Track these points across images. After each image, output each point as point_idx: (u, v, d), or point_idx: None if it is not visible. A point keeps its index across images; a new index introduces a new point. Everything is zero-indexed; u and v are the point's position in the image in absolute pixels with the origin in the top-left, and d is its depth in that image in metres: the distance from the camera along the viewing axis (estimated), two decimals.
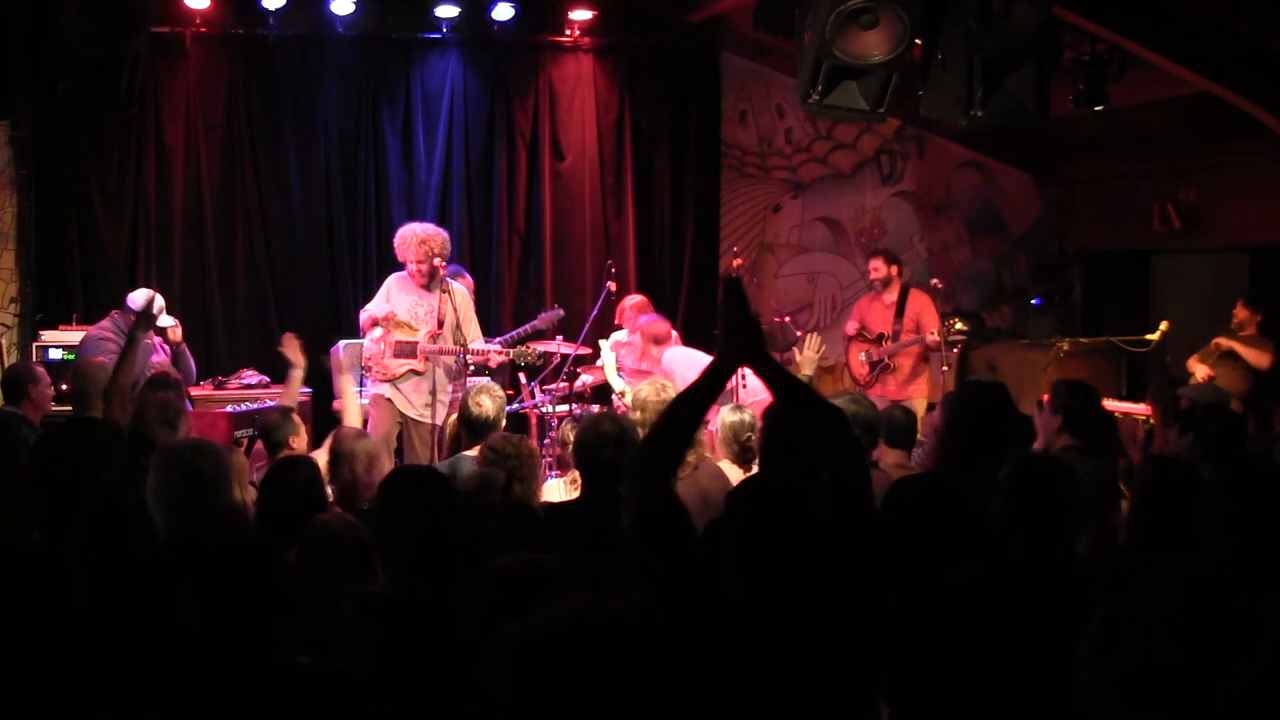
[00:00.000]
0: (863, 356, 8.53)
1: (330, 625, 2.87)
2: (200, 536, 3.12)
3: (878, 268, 8.50)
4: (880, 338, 8.44)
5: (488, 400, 4.97)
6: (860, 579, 2.66)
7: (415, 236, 7.20)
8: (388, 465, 4.54)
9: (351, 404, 5.78)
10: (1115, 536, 3.79)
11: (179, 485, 3.24)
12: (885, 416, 5.08)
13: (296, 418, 5.10)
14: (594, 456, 3.94)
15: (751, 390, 6.36)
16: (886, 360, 8.38)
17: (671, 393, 4.73)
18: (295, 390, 5.81)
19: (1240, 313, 7.82)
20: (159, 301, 6.82)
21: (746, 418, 4.92)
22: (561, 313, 7.98)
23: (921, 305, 8.37)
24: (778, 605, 2.53)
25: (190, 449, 3.38)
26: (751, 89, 10.14)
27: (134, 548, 3.19)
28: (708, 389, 2.80)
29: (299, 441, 4.94)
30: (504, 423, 5.05)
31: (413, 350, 7.21)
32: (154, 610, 2.73)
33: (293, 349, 5.82)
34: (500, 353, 7.35)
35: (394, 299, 7.31)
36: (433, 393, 7.14)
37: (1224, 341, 7.64)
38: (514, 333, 7.68)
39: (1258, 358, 7.51)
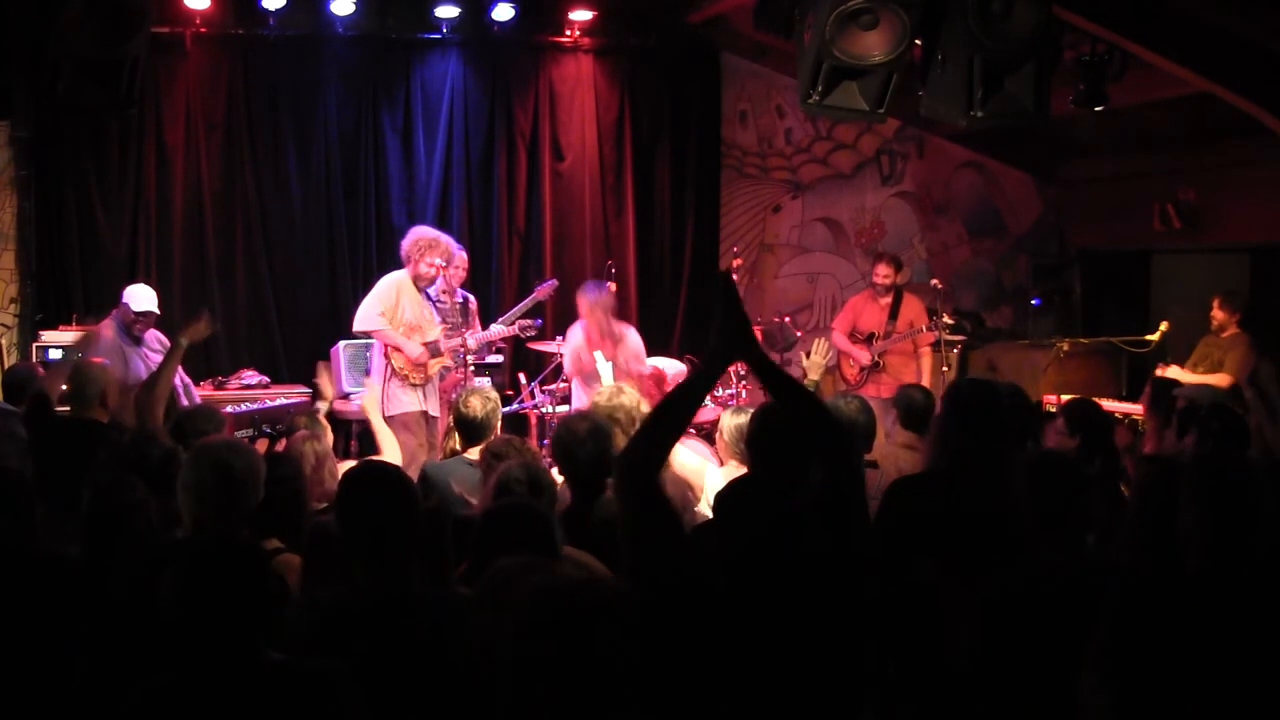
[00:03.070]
0: (851, 361, 8.49)
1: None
2: (228, 532, 3.17)
3: (887, 274, 8.32)
4: (871, 337, 8.39)
5: (479, 401, 4.92)
6: (852, 580, 2.66)
7: (449, 248, 7.30)
8: (337, 466, 4.50)
9: (385, 438, 5.43)
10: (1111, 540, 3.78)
11: (210, 480, 3.30)
12: (903, 396, 5.19)
13: (323, 419, 5.19)
14: (572, 456, 4.00)
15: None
16: (876, 359, 8.35)
17: (624, 399, 4.80)
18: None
19: (1218, 314, 7.71)
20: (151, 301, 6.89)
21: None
22: (555, 283, 8.04)
23: (916, 311, 8.32)
24: (761, 603, 2.53)
25: (224, 446, 3.46)
26: (751, 89, 10.14)
27: (131, 548, 3.19)
28: (701, 387, 2.80)
29: (327, 441, 4.96)
30: (498, 424, 4.99)
31: (438, 349, 7.27)
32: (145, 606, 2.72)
33: (325, 381, 5.91)
34: (503, 337, 7.69)
35: (405, 302, 7.28)
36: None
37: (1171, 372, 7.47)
38: (514, 310, 7.79)
39: (1217, 380, 7.40)
